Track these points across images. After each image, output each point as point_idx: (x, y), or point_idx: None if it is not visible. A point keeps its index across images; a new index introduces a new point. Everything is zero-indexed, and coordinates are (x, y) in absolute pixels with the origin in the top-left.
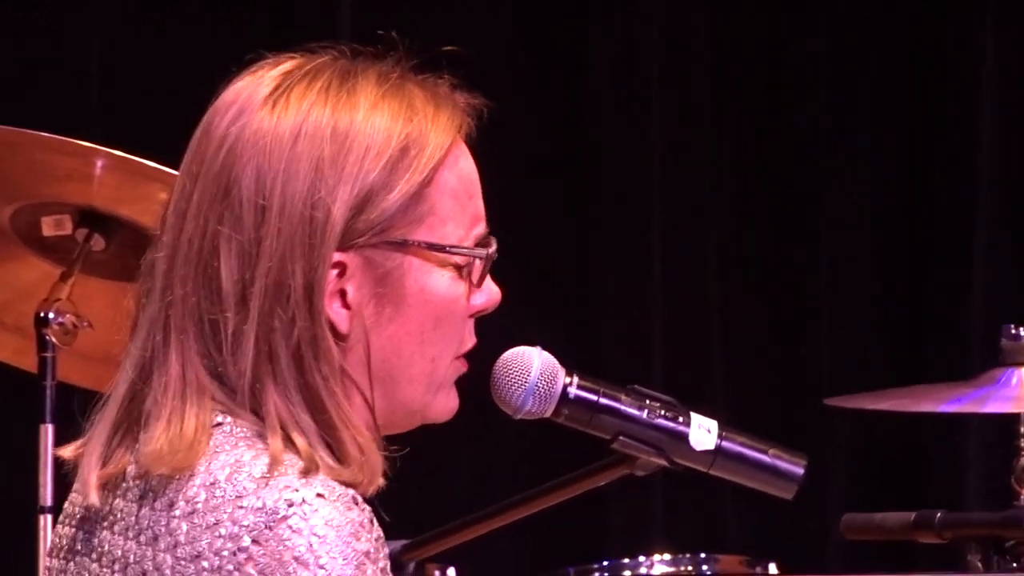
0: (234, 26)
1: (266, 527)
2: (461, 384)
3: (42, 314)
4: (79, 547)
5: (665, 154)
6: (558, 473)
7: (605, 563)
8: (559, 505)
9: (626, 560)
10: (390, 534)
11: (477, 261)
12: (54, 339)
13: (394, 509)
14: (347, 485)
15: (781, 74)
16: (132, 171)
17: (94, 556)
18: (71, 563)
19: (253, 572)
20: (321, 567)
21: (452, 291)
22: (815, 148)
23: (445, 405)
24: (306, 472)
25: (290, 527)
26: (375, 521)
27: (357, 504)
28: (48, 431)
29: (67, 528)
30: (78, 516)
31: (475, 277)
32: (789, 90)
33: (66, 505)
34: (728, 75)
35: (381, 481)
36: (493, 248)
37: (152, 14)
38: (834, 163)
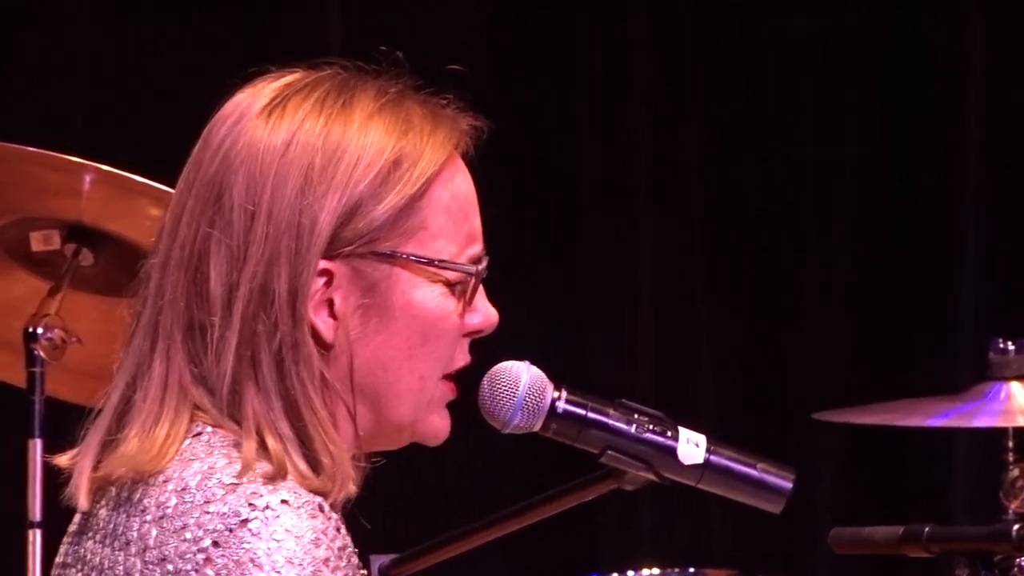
0: (224, 42)
1: (227, 530)
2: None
3: (31, 329)
4: (69, 560)
5: (652, 163)
6: (546, 488)
7: None
8: (547, 520)
9: (614, 574)
10: (378, 549)
11: (471, 279)
12: (43, 354)
13: (382, 524)
14: (316, 493)
15: (767, 63)
16: (120, 186)
17: (78, 567)
18: None
19: (211, 573)
20: (277, 572)
21: (442, 307)
22: (801, 163)
23: (437, 425)
24: (272, 477)
25: (250, 531)
26: (342, 529)
27: (323, 511)
28: (37, 446)
29: (64, 545)
30: (73, 531)
31: (468, 296)
32: (776, 95)
33: (71, 525)
34: (713, 76)
35: (352, 489)
36: (483, 266)
37: (142, 28)
38: (820, 176)
